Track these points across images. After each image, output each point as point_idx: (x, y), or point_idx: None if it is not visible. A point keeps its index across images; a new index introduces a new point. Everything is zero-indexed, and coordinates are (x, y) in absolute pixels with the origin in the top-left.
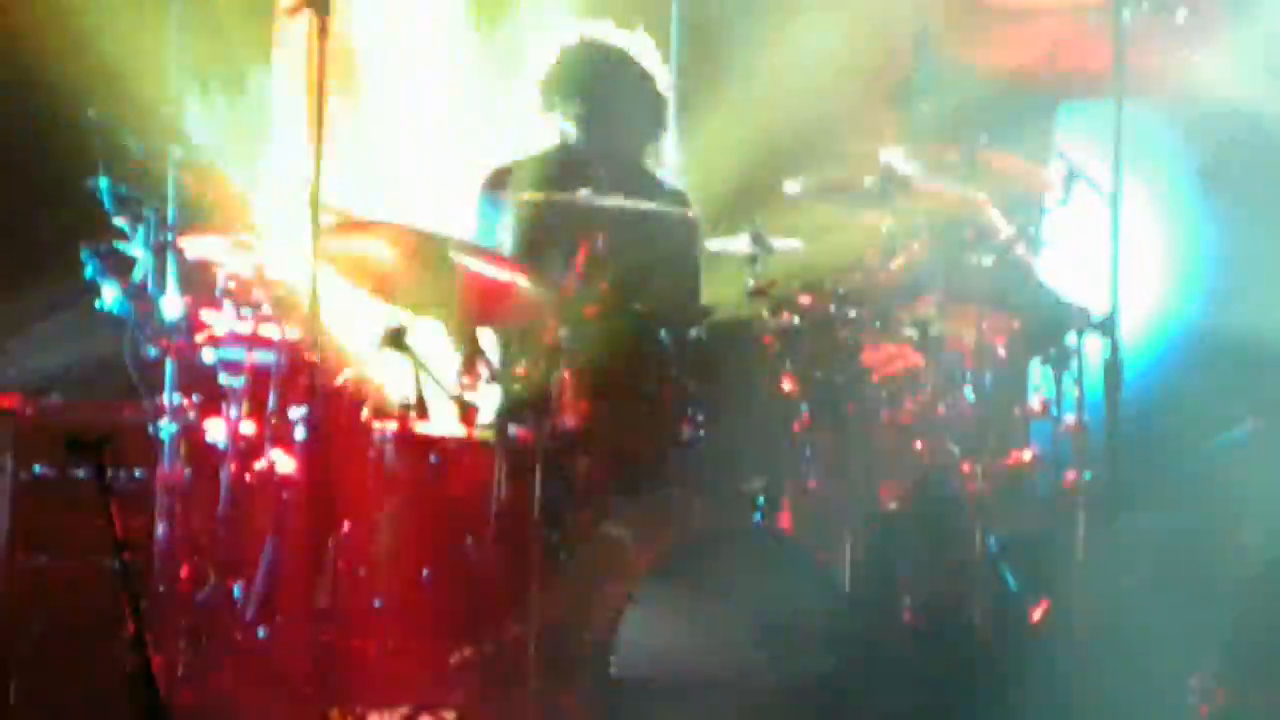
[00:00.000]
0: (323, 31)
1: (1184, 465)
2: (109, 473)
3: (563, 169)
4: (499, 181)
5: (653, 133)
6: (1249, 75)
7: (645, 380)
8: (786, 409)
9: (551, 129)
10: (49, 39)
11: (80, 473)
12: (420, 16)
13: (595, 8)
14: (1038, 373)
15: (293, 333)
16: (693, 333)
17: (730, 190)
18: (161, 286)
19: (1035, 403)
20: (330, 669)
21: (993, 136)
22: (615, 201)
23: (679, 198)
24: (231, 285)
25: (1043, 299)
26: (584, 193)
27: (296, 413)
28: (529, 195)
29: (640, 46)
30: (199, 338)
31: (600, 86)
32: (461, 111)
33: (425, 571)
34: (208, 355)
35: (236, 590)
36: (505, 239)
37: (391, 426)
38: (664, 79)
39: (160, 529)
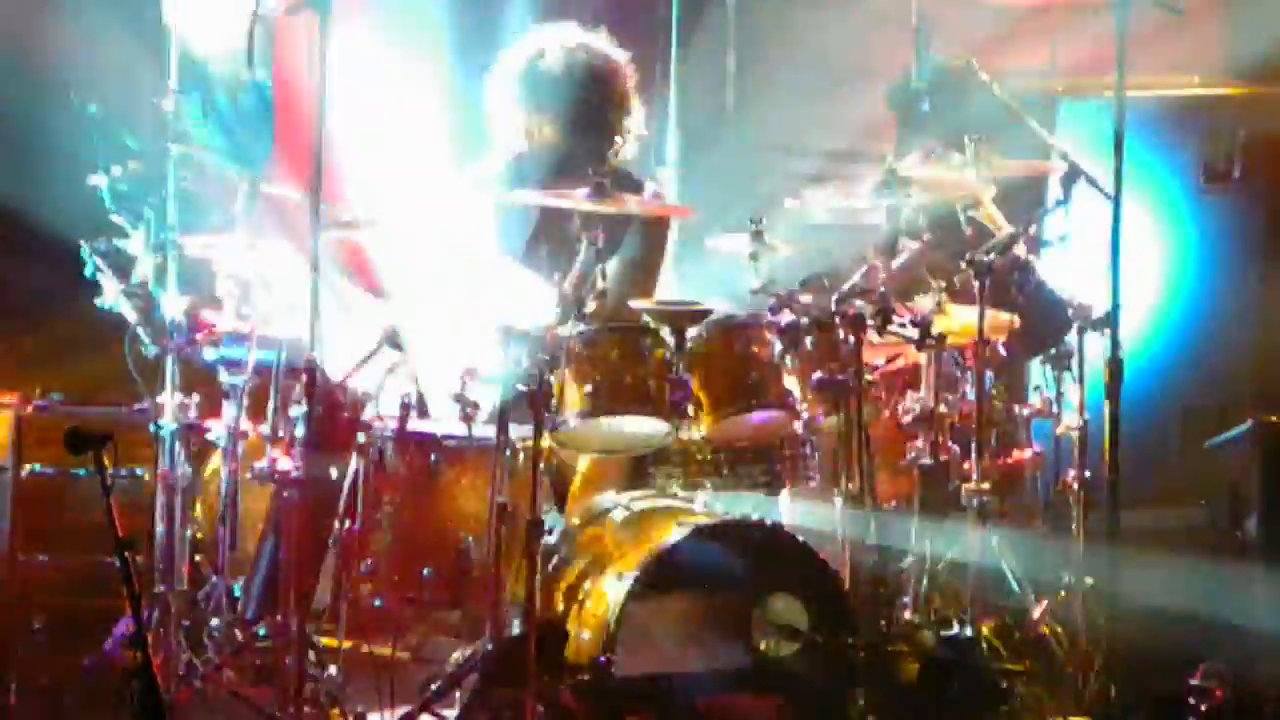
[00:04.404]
0: (323, 31)
1: (1183, 464)
2: (109, 471)
3: (552, 169)
4: (483, 181)
5: (626, 132)
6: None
7: (645, 379)
8: (787, 407)
9: (515, 127)
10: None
11: (81, 471)
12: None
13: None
14: (1038, 372)
15: (293, 331)
16: (693, 330)
17: (731, 189)
18: (162, 285)
19: (1036, 401)
20: (330, 669)
21: (993, 136)
22: (610, 202)
23: (659, 196)
24: (232, 284)
25: (1043, 298)
26: (579, 193)
27: (297, 411)
28: (520, 196)
29: (607, 45)
30: (199, 336)
31: (583, 86)
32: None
33: (425, 570)
34: (208, 354)
35: (236, 589)
36: (493, 239)
37: (391, 425)
38: (632, 77)
39: (160, 527)
